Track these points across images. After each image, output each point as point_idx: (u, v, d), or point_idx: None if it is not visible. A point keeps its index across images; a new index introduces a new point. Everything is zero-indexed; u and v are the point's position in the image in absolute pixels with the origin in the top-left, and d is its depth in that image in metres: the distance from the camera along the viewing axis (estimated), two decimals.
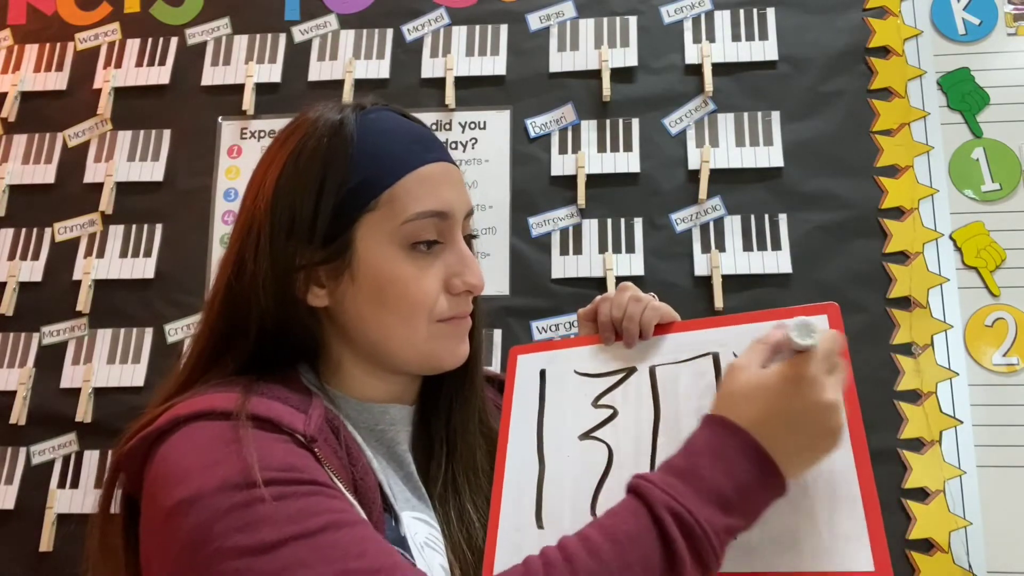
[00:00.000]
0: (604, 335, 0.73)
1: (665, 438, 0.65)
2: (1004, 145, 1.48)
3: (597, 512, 0.63)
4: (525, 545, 0.62)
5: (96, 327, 1.59)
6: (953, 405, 1.37)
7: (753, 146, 1.54)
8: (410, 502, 0.66)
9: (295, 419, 0.57)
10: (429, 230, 0.65)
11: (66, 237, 1.65)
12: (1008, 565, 1.31)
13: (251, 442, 0.53)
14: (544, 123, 1.60)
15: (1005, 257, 1.43)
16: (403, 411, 0.71)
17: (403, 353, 0.67)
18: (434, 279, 0.66)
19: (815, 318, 0.50)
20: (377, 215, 0.64)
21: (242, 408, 0.56)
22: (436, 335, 0.66)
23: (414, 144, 0.67)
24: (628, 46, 1.61)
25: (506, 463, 0.69)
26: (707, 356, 0.68)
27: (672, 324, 0.71)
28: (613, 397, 0.69)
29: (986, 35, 1.54)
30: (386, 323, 0.65)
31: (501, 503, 0.67)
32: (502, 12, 1.66)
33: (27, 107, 1.74)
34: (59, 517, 1.50)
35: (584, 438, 0.68)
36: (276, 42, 1.70)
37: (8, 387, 1.57)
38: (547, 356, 0.74)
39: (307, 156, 0.64)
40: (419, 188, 0.65)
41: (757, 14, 1.60)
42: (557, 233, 1.55)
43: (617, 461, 0.66)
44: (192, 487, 0.51)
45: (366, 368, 0.69)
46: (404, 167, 0.65)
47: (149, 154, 1.67)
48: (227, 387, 0.60)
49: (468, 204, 0.69)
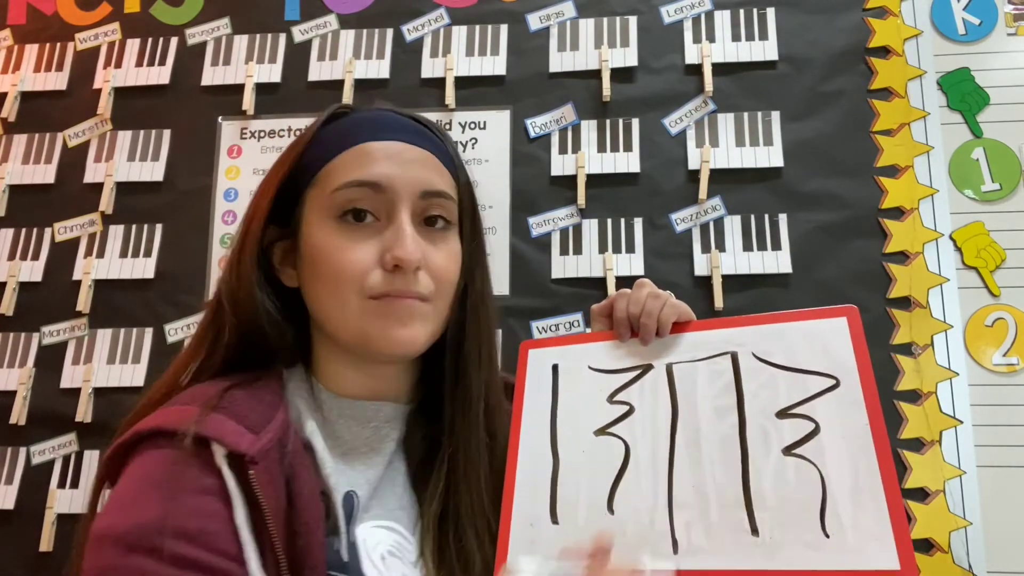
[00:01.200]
0: (620, 331, 0.72)
1: (683, 437, 0.64)
2: (1004, 145, 1.48)
3: (614, 510, 0.63)
4: (540, 539, 0.62)
5: (96, 327, 1.59)
6: (953, 405, 1.37)
7: (753, 146, 1.54)
8: (384, 508, 0.65)
9: (241, 440, 0.58)
10: (359, 201, 0.65)
11: (66, 237, 1.65)
12: (1008, 565, 1.31)
13: (172, 492, 0.55)
14: (544, 123, 1.60)
15: (1005, 257, 1.43)
16: (398, 409, 0.71)
17: (341, 333, 0.66)
18: (365, 251, 0.64)
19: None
20: (316, 190, 0.67)
21: (189, 429, 0.57)
22: (368, 312, 0.64)
23: (367, 125, 0.69)
24: (628, 46, 1.61)
25: (518, 456, 0.68)
26: (725, 355, 0.67)
27: (689, 323, 0.71)
28: (629, 393, 0.68)
29: (986, 35, 1.54)
30: (322, 297, 0.66)
31: (514, 497, 0.66)
32: (502, 12, 1.66)
33: (27, 107, 1.73)
34: (59, 517, 1.50)
35: (600, 434, 0.67)
36: (276, 42, 1.70)
37: (8, 387, 1.57)
38: (559, 351, 0.73)
39: (284, 152, 0.70)
40: (353, 161, 0.66)
41: (757, 14, 1.60)
42: (557, 233, 1.55)
43: (634, 458, 0.65)
44: (108, 521, 0.55)
45: (340, 358, 0.69)
46: (345, 144, 0.67)
47: (149, 154, 1.67)
48: (195, 397, 0.62)
49: (422, 183, 0.67)
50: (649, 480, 0.63)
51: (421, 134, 0.70)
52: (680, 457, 0.63)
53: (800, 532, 0.57)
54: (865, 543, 0.56)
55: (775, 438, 0.62)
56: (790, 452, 0.61)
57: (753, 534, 0.59)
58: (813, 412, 0.62)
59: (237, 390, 0.64)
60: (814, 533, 0.57)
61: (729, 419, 0.64)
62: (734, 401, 0.64)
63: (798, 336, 0.65)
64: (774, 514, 0.59)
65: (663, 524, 0.61)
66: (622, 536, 0.61)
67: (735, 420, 0.63)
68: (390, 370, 0.71)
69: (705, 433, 0.62)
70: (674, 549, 0.60)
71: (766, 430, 0.62)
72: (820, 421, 0.61)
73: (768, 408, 0.63)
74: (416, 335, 0.66)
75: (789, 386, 0.64)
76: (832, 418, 0.61)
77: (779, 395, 0.63)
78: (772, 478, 0.60)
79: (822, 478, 0.59)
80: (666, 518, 0.61)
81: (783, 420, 0.62)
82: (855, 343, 0.64)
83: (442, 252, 0.68)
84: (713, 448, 0.63)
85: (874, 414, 0.59)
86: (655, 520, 0.61)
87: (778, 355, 0.65)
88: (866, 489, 0.57)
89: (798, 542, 0.57)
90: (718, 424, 0.64)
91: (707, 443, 0.63)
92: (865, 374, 0.62)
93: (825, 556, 0.56)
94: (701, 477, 0.62)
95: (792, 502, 0.59)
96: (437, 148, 0.71)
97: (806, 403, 0.63)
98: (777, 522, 0.58)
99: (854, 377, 0.62)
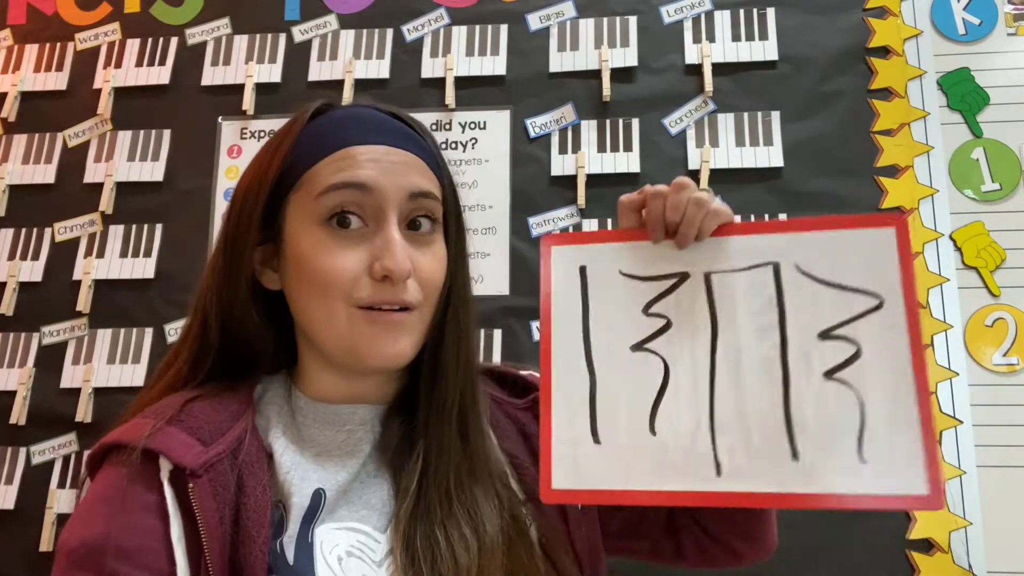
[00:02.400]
0: (653, 234, 0.65)
1: (723, 356, 0.63)
2: (1004, 145, 1.48)
3: (656, 431, 0.62)
4: (583, 460, 0.62)
5: (96, 327, 1.59)
6: (953, 405, 1.37)
7: (753, 146, 1.54)
8: (349, 510, 0.65)
9: (186, 453, 0.59)
10: (345, 205, 0.64)
11: (66, 237, 1.65)
12: (1008, 565, 1.31)
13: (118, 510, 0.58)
14: (544, 123, 1.60)
15: (1005, 257, 1.43)
16: (372, 411, 0.70)
17: (328, 343, 0.65)
18: (352, 258, 0.63)
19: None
20: (300, 194, 0.66)
21: (138, 444, 0.59)
22: (356, 322, 0.63)
23: (352, 128, 0.67)
24: (628, 46, 1.61)
25: (552, 372, 0.65)
26: (767, 266, 0.63)
27: (728, 225, 0.65)
28: (666, 305, 0.65)
29: (986, 35, 1.54)
30: (308, 305, 0.65)
31: (552, 416, 0.64)
32: (502, 12, 1.66)
33: (27, 107, 1.73)
34: (59, 517, 1.50)
35: (637, 349, 0.64)
36: (276, 42, 1.70)
37: (8, 387, 1.57)
38: (587, 251, 0.67)
39: (263, 150, 0.70)
40: (338, 164, 0.65)
41: (757, 14, 1.60)
42: (557, 233, 1.55)
43: (674, 379, 0.63)
44: (64, 535, 0.58)
45: (324, 364, 0.69)
46: (330, 147, 0.66)
47: (149, 154, 1.67)
48: (158, 410, 0.64)
49: (409, 186, 0.65)
50: (690, 401, 0.62)
51: (405, 136, 0.69)
52: (721, 378, 0.62)
53: (838, 457, 0.58)
54: (898, 470, 0.57)
55: (817, 360, 0.61)
56: (831, 376, 0.60)
57: (793, 459, 0.59)
58: (855, 334, 0.61)
59: (200, 401, 0.65)
60: (851, 459, 0.58)
61: (771, 339, 0.62)
62: (776, 319, 0.62)
63: (844, 247, 0.62)
64: (814, 439, 0.59)
65: (705, 446, 0.61)
66: (664, 457, 0.61)
67: (777, 340, 0.62)
68: (376, 377, 0.70)
69: (747, 353, 0.61)
70: (717, 472, 0.60)
71: (808, 352, 0.61)
72: (862, 344, 0.60)
73: (811, 328, 0.62)
74: (404, 348, 0.65)
75: (833, 304, 0.62)
76: (874, 341, 0.60)
77: (822, 314, 0.62)
78: (813, 402, 0.60)
79: (861, 404, 0.59)
80: (708, 440, 0.61)
81: (825, 341, 0.61)
82: (902, 259, 0.61)
83: (429, 257, 0.67)
84: (754, 369, 0.62)
85: (915, 339, 0.59)
86: (697, 442, 0.61)
87: (822, 268, 0.63)
88: (902, 417, 0.58)
89: (835, 467, 0.58)
90: (759, 344, 0.62)
91: (748, 363, 0.62)
92: (909, 294, 0.61)
93: (861, 481, 0.57)
94: (743, 400, 0.61)
95: (832, 427, 0.59)
96: (421, 149, 0.70)
97: (849, 324, 0.61)
98: (816, 446, 0.59)
99: (898, 298, 0.61)
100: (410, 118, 0.72)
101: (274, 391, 0.70)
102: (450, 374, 0.69)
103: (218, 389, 0.67)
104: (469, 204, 1.58)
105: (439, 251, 0.69)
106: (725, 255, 0.65)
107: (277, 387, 0.70)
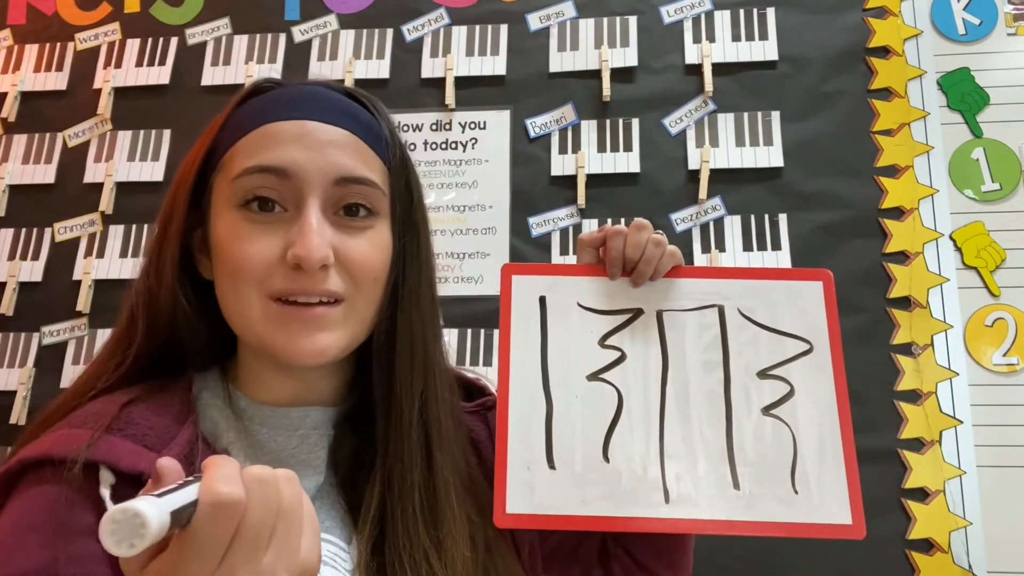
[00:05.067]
0: (611, 270, 0.70)
1: (673, 389, 0.67)
2: (1004, 145, 1.48)
3: (609, 458, 0.65)
4: (538, 485, 0.64)
5: (96, 327, 1.59)
6: (953, 405, 1.37)
7: (753, 146, 1.54)
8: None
9: (139, 459, 0.53)
10: (261, 188, 0.58)
11: (66, 237, 1.65)
12: (1008, 565, 1.31)
13: (53, 538, 0.50)
14: (544, 123, 1.60)
15: (1005, 257, 1.43)
16: (326, 413, 0.64)
17: (245, 335, 0.60)
18: (267, 245, 0.57)
19: (144, 506, 0.35)
20: (220, 176, 0.61)
21: (79, 456, 0.52)
22: (270, 317, 0.58)
23: (278, 103, 0.61)
24: (628, 46, 1.61)
25: (509, 395, 0.67)
26: (713, 308, 0.70)
27: (679, 268, 0.71)
28: (621, 338, 0.69)
29: (986, 35, 1.54)
30: (225, 293, 0.60)
31: (508, 439, 0.65)
32: (502, 12, 1.66)
33: (27, 107, 1.74)
34: None
35: (593, 379, 0.68)
36: (276, 42, 1.71)
37: (8, 387, 1.57)
38: (547, 281, 0.71)
39: (203, 133, 0.64)
40: (257, 144, 0.59)
41: (757, 14, 1.60)
42: (557, 233, 1.55)
43: (627, 408, 0.67)
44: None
45: (260, 361, 0.63)
46: (251, 125, 0.60)
47: (149, 154, 1.67)
48: (88, 417, 0.56)
49: (335, 169, 0.59)
50: (642, 430, 0.66)
51: (342, 111, 0.62)
52: (670, 409, 0.67)
53: (774, 487, 0.64)
54: (826, 500, 0.63)
55: (756, 397, 0.67)
56: (768, 412, 0.67)
57: (735, 488, 0.64)
58: (789, 375, 0.68)
59: (137, 405, 0.58)
60: (785, 489, 0.64)
61: (716, 375, 0.68)
62: (720, 357, 0.68)
63: (780, 295, 0.70)
64: (753, 469, 0.65)
65: (655, 473, 0.65)
66: (617, 483, 0.64)
67: (721, 376, 0.68)
68: (314, 373, 0.63)
69: (694, 387, 0.67)
70: (665, 499, 0.64)
71: (748, 389, 0.67)
72: (795, 384, 0.67)
73: (751, 367, 0.68)
74: (325, 345, 0.58)
75: (770, 346, 0.69)
76: (805, 382, 0.67)
77: (760, 355, 0.68)
78: (752, 436, 0.66)
79: (794, 439, 0.65)
80: (658, 469, 0.65)
81: (763, 380, 0.68)
82: (828, 309, 0.70)
83: (361, 243, 0.60)
84: (701, 403, 0.67)
85: (839, 381, 0.67)
86: (648, 469, 0.65)
87: (761, 313, 0.70)
88: (829, 452, 0.65)
89: (772, 497, 0.64)
90: (705, 379, 0.68)
91: (696, 397, 0.67)
92: (835, 341, 0.68)
93: (793, 510, 0.63)
94: (690, 430, 0.66)
95: (768, 459, 0.65)
96: (362, 127, 0.62)
97: (783, 365, 0.68)
98: (755, 477, 0.64)
99: (825, 343, 0.68)
100: (359, 92, 0.66)
101: (211, 391, 0.63)
102: (404, 380, 0.62)
103: (151, 389, 0.61)
104: (469, 204, 1.58)
105: (377, 239, 0.61)
106: (676, 295, 0.70)
107: (213, 385, 0.64)
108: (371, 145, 0.62)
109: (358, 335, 0.61)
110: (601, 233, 0.69)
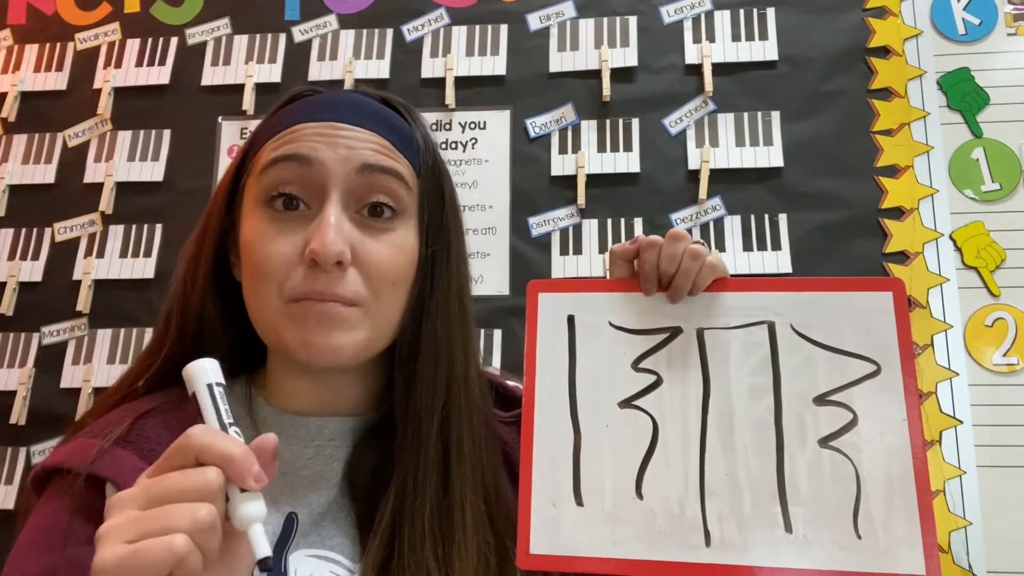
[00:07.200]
0: (646, 285, 0.62)
1: (715, 418, 0.60)
2: (1004, 145, 1.48)
3: (643, 495, 0.58)
4: (564, 523, 0.58)
5: (96, 327, 1.59)
6: (953, 405, 1.37)
7: (753, 146, 1.54)
8: (322, 536, 0.59)
9: (139, 477, 0.54)
10: (286, 183, 0.58)
11: (66, 237, 1.65)
12: (1008, 565, 1.31)
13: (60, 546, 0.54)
14: (544, 123, 1.60)
15: (1005, 257, 1.43)
16: (344, 424, 0.63)
17: (264, 332, 0.59)
18: (287, 244, 0.57)
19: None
20: (251, 176, 0.62)
21: (84, 470, 0.55)
22: (286, 316, 0.57)
23: (309, 107, 0.62)
24: (628, 46, 1.61)
25: (535, 424, 0.61)
26: (762, 325, 0.61)
27: (722, 280, 0.63)
28: (656, 361, 0.62)
29: (986, 35, 1.54)
30: (248, 294, 0.59)
31: (532, 472, 0.59)
32: (502, 12, 1.66)
33: (27, 107, 1.73)
34: None
35: (625, 406, 0.61)
36: (276, 42, 1.70)
37: (8, 387, 1.57)
38: (575, 299, 0.64)
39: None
40: (283, 140, 0.60)
41: (757, 14, 1.60)
42: (557, 233, 1.55)
43: (663, 439, 0.60)
44: (8, 570, 0.54)
45: (287, 367, 0.62)
46: (280, 128, 0.61)
47: (149, 154, 1.67)
48: (106, 426, 0.58)
49: (358, 158, 0.58)
50: (679, 464, 0.59)
51: (373, 115, 0.62)
52: (712, 440, 0.59)
53: (833, 531, 0.56)
54: (894, 547, 0.55)
55: (811, 427, 0.59)
56: (826, 444, 0.58)
57: (787, 531, 0.56)
58: (851, 401, 0.59)
59: (154, 418, 0.59)
60: (847, 533, 0.55)
61: (764, 401, 0.60)
62: (770, 381, 0.60)
63: (840, 309, 0.61)
64: (808, 510, 0.57)
65: (695, 513, 0.58)
66: (651, 524, 0.58)
67: (771, 403, 0.60)
68: (339, 379, 0.63)
69: (739, 415, 0.59)
70: (706, 542, 0.57)
71: (802, 417, 0.59)
72: (858, 412, 0.58)
73: (806, 392, 0.59)
74: (341, 344, 0.57)
75: (828, 368, 0.60)
76: (870, 409, 0.58)
77: (818, 378, 0.60)
78: (807, 471, 0.57)
79: (857, 475, 0.57)
80: (698, 507, 0.58)
81: (821, 407, 0.59)
82: (899, 324, 0.60)
83: (382, 244, 0.59)
84: (747, 433, 0.59)
85: (912, 408, 0.57)
86: (686, 508, 0.58)
87: (818, 330, 0.61)
88: (899, 490, 0.56)
89: (830, 541, 0.55)
90: (753, 406, 0.60)
91: (741, 427, 0.59)
92: (907, 361, 0.59)
93: (856, 558, 0.55)
94: (734, 465, 0.58)
95: (826, 498, 0.57)
96: (392, 130, 0.62)
97: (845, 390, 0.59)
98: (810, 519, 0.56)
99: (895, 364, 0.59)
100: (394, 99, 0.66)
101: (235, 398, 0.63)
102: (424, 393, 0.60)
103: (172, 401, 0.60)
104: (469, 204, 1.58)
105: (400, 241, 0.60)
106: (719, 311, 0.62)
107: (238, 393, 0.64)
108: (401, 149, 0.62)
109: (376, 339, 0.60)
110: (634, 244, 0.62)
